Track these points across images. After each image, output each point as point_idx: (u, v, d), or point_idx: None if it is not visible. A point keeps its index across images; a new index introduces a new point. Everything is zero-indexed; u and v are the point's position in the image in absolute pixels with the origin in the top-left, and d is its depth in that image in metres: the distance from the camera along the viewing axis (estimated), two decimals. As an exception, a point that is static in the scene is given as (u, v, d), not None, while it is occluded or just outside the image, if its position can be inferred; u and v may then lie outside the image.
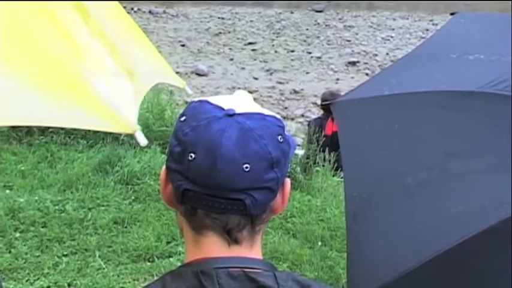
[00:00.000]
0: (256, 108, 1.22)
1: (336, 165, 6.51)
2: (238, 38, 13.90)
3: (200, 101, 1.22)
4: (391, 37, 14.27)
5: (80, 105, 1.22)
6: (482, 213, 1.72)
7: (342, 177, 6.71)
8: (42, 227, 4.49)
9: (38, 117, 1.26)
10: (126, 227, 4.65)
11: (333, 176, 6.31)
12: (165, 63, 1.63)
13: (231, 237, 1.19)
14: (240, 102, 1.22)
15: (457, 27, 2.44)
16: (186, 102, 3.97)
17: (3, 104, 1.21)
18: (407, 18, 15.29)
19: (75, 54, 1.28)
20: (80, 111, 1.22)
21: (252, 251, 1.20)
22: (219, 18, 15.00)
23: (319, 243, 4.78)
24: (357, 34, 14.40)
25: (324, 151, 6.28)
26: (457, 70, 2.09)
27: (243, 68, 11.98)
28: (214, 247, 1.19)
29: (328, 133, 7.13)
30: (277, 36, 14.19)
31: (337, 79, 12.13)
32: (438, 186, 1.84)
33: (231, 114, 1.18)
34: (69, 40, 1.32)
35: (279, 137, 1.18)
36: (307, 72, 12.33)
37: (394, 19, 15.30)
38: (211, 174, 1.15)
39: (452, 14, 2.56)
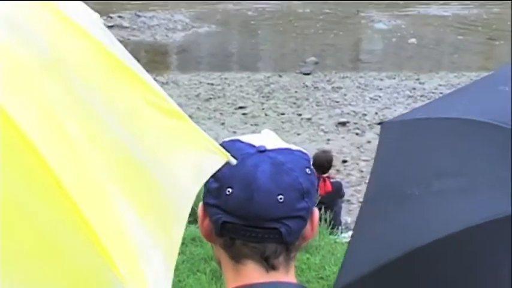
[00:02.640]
0: (283, 144, 1.30)
1: (332, 223, 6.55)
2: (228, 103, 14.04)
3: (232, 140, 1.32)
4: (379, 97, 14.47)
5: None
6: (452, 222, 2.03)
7: (337, 235, 6.74)
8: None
9: None
10: None
11: (330, 234, 6.34)
12: (201, 140, 1.28)
13: (268, 264, 1.27)
14: (268, 140, 1.31)
15: None
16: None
17: None
18: (394, 78, 15.53)
19: (98, 251, 1.04)
20: None
21: (287, 275, 1.29)
22: (208, 84, 15.17)
23: (320, 301, 4.79)
24: (345, 95, 14.59)
25: (320, 210, 6.33)
26: (482, 100, 2.36)
27: (235, 132, 12.07)
28: (254, 274, 1.27)
29: (322, 193, 7.20)
30: (266, 100, 14.34)
31: (328, 139, 12.24)
32: (421, 199, 2.13)
33: (262, 151, 1.28)
34: (88, 231, 1.03)
35: (307, 169, 1.27)
36: (298, 134, 12.44)
37: (381, 79, 15.53)
38: (248, 206, 1.23)
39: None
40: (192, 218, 1.42)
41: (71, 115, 1.12)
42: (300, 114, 13.54)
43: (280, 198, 1.24)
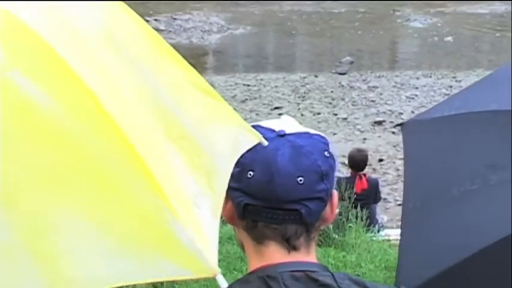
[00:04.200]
0: (302, 128, 1.36)
1: (368, 221, 6.56)
2: (264, 104, 14.08)
3: (253, 126, 1.38)
4: (416, 95, 14.39)
5: (164, 257, 1.13)
6: None
7: (373, 233, 6.75)
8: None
9: (124, 276, 1.14)
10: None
11: (366, 232, 6.35)
12: (236, 119, 1.41)
13: (290, 244, 1.32)
14: (288, 124, 1.36)
15: None
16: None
17: (82, 267, 1.10)
18: (431, 76, 15.42)
19: (156, 194, 1.12)
20: (164, 263, 1.13)
21: (308, 255, 1.33)
22: (244, 85, 15.23)
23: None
24: (381, 94, 14.54)
25: (355, 208, 6.36)
26: (508, 91, 2.29)
27: (271, 133, 12.09)
28: (276, 254, 1.32)
29: (358, 191, 7.20)
30: (302, 100, 14.36)
31: (364, 139, 12.22)
32: (479, 193, 2.04)
33: (282, 135, 1.33)
34: (147, 175, 1.12)
35: (326, 152, 1.32)
36: (334, 134, 12.44)
37: (418, 78, 15.44)
38: (269, 188, 1.29)
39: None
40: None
41: (122, 74, 1.25)
42: (335, 114, 13.54)
43: (300, 180, 1.28)
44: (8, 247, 1.06)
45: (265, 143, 1.30)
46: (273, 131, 1.35)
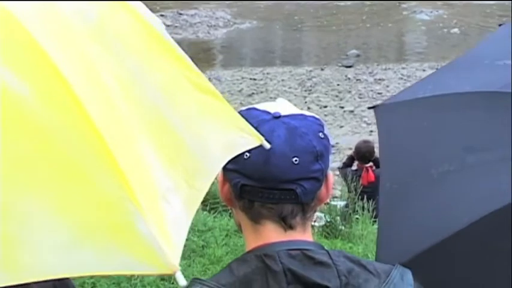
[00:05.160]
0: (297, 110, 1.39)
1: (374, 213, 6.58)
2: (271, 97, 14.09)
3: (248, 109, 1.42)
4: (422, 87, 14.37)
5: (122, 249, 1.10)
6: (501, 195, 1.90)
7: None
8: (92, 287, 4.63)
9: (80, 267, 1.12)
10: (173, 283, 4.75)
11: (373, 223, 6.38)
12: (236, 120, 1.37)
13: (286, 223, 1.35)
14: (283, 107, 1.40)
15: (497, 37, 2.68)
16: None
17: (37, 256, 1.09)
18: (437, 68, 15.39)
19: (120, 185, 1.10)
20: (122, 256, 1.10)
21: (304, 234, 1.37)
22: (251, 79, 15.26)
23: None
24: (387, 86, 14.55)
25: (362, 199, 6.38)
26: (483, 74, 2.32)
27: (278, 126, 12.11)
28: (272, 233, 1.36)
29: (365, 183, 7.22)
30: (309, 93, 14.39)
31: (371, 131, 12.23)
32: (457, 175, 2.05)
33: (277, 116, 1.37)
34: (113, 167, 1.11)
35: (320, 133, 1.36)
36: (341, 126, 12.47)
37: (424, 70, 15.43)
38: (265, 169, 1.32)
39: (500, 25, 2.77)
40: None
41: (109, 69, 1.25)
42: (342, 107, 13.56)
43: (295, 161, 1.31)
44: None
45: (268, 146, 1.32)
46: (268, 113, 1.39)
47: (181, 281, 1.11)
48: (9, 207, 1.09)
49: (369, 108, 2.85)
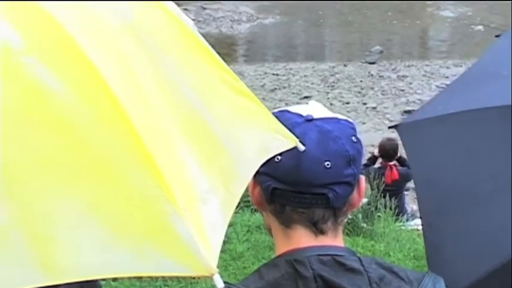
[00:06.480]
0: (330, 113, 1.37)
1: (396, 210, 6.57)
2: (293, 93, 14.08)
3: (281, 111, 1.41)
4: (446, 85, 14.26)
5: (159, 250, 1.09)
6: None
7: (403, 222, 6.76)
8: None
9: (116, 268, 1.11)
10: (193, 278, 4.77)
11: (395, 221, 6.36)
12: (271, 122, 1.37)
13: (317, 228, 1.34)
14: (316, 109, 1.38)
15: (503, 46, 2.60)
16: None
17: (76, 256, 1.09)
18: (461, 66, 15.29)
19: (158, 185, 1.09)
20: (159, 257, 1.09)
21: (336, 240, 1.35)
22: (273, 74, 15.23)
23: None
24: (411, 83, 14.46)
25: (384, 197, 6.36)
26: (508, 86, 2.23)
27: (300, 122, 12.07)
28: (303, 238, 1.34)
29: (389, 181, 7.19)
30: (331, 89, 14.33)
31: (394, 128, 12.16)
32: (505, 193, 1.97)
33: (310, 120, 1.35)
34: (151, 167, 1.10)
35: (353, 137, 1.34)
36: (364, 123, 12.40)
37: (448, 67, 15.32)
38: (296, 172, 1.31)
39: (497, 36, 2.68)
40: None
41: (145, 68, 1.25)
42: (365, 103, 13.50)
43: (327, 165, 1.30)
44: (3, 227, 1.06)
45: (302, 147, 1.30)
46: (301, 116, 1.37)
47: (220, 283, 1.09)
48: (46, 206, 1.09)
49: (389, 127, 2.76)
